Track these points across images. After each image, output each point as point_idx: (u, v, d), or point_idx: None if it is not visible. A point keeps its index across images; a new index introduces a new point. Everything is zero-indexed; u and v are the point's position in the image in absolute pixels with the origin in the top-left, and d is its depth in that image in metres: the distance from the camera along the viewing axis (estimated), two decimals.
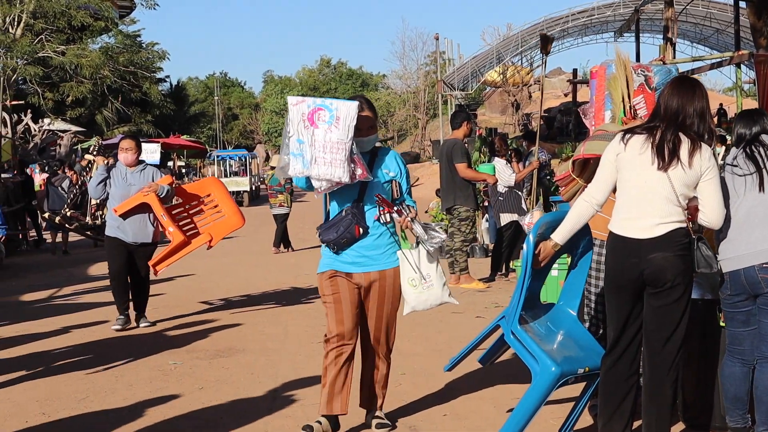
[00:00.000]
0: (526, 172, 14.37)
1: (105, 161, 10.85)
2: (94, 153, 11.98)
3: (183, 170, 52.36)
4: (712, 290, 5.89)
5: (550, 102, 55.36)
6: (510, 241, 13.96)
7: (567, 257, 6.26)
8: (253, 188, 47.05)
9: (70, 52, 44.71)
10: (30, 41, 42.43)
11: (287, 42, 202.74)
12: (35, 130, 39.29)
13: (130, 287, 10.90)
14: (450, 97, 49.96)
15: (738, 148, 5.72)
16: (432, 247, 6.17)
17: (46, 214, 20.74)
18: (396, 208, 6.14)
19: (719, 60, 30.41)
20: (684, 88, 5.38)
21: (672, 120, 5.30)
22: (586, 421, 6.32)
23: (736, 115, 6.47)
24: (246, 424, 6.71)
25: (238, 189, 43.01)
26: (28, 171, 25.46)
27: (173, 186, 10.95)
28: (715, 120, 27.15)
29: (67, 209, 21.39)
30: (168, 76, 75.92)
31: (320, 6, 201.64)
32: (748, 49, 32.82)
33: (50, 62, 45.23)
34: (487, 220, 18.10)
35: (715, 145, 6.21)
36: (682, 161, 5.20)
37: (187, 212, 11.36)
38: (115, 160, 10.89)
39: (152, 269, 10.77)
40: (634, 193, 5.33)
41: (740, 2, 29.66)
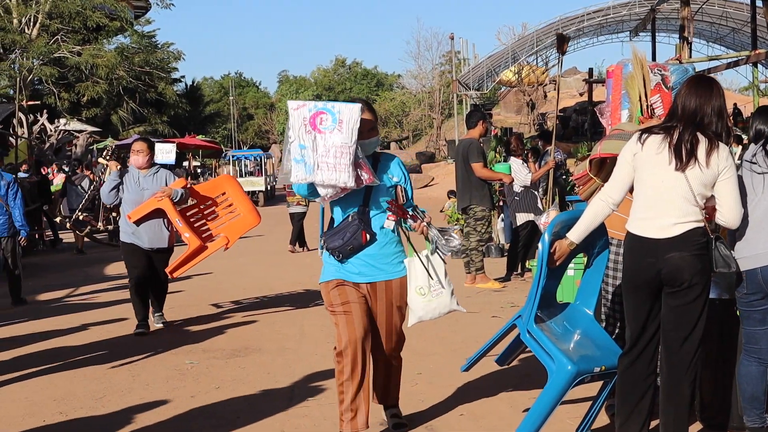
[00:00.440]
0: (542, 172, 14.33)
1: (118, 167, 10.72)
2: (107, 158, 11.90)
3: (198, 170, 52.37)
4: (728, 289, 5.87)
5: (566, 101, 55.35)
6: (526, 240, 13.92)
7: (583, 257, 6.25)
8: (268, 188, 47.09)
9: (85, 53, 44.84)
10: (46, 42, 42.55)
11: (302, 42, 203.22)
12: (51, 130, 39.40)
13: (149, 292, 10.72)
14: (465, 96, 49.90)
15: (756, 145, 5.69)
16: (449, 252, 6.07)
17: (58, 219, 20.76)
18: (411, 213, 6.01)
19: (735, 59, 30.35)
20: (701, 87, 5.35)
21: (690, 120, 5.28)
22: (603, 421, 6.30)
23: (752, 112, 6.43)
24: (262, 424, 6.72)
25: (254, 189, 43.09)
26: (46, 171, 25.57)
27: (187, 189, 10.73)
28: (731, 120, 27.02)
29: (79, 213, 21.46)
30: (183, 77, 76.42)
31: (335, 6, 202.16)
32: (764, 48, 32.75)
33: (66, 62, 45.38)
34: (502, 220, 18.09)
35: (731, 144, 6.19)
36: (699, 161, 5.18)
37: (201, 212, 11.18)
38: (125, 164, 10.72)
39: (169, 275, 10.63)
40: (651, 192, 5.32)
41: (756, 1, 29.58)
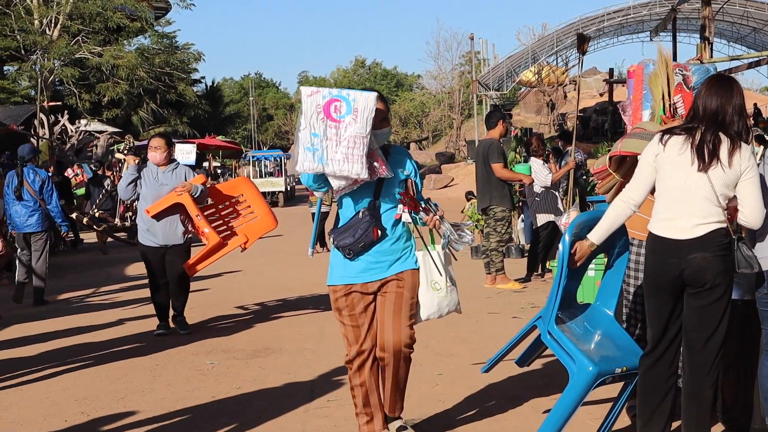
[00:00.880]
0: (563, 173, 14.29)
1: (136, 161, 10.54)
2: (125, 152, 11.84)
3: (218, 171, 52.52)
4: (750, 290, 5.84)
5: (586, 102, 55.28)
6: (546, 241, 13.89)
7: (603, 257, 6.24)
8: (288, 188, 47.11)
9: (106, 54, 45.08)
10: (67, 43, 42.82)
11: (322, 42, 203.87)
12: (72, 131, 39.52)
13: (169, 290, 10.54)
14: (485, 97, 49.83)
15: None
16: (461, 246, 5.94)
17: (74, 215, 20.84)
18: (423, 206, 5.84)
19: (757, 59, 30.22)
20: (722, 86, 5.33)
21: (711, 120, 5.26)
22: (625, 422, 6.28)
23: None
24: (283, 425, 6.73)
25: (273, 189, 43.15)
26: (75, 172, 25.76)
27: (207, 185, 10.58)
28: (751, 120, 26.92)
29: (96, 209, 21.55)
30: (203, 77, 76.68)
31: (355, 6, 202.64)
32: None
33: (87, 63, 45.63)
34: (522, 221, 18.07)
35: (752, 142, 6.16)
36: (721, 161, 5.16)
37: (218, 213, 11.05)
38: (145, 159, 10.57)
39: (187, 271, 10.42)
40: (673, 193, 5.29)
41: None
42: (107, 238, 22.34)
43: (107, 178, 23.53)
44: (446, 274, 5.92)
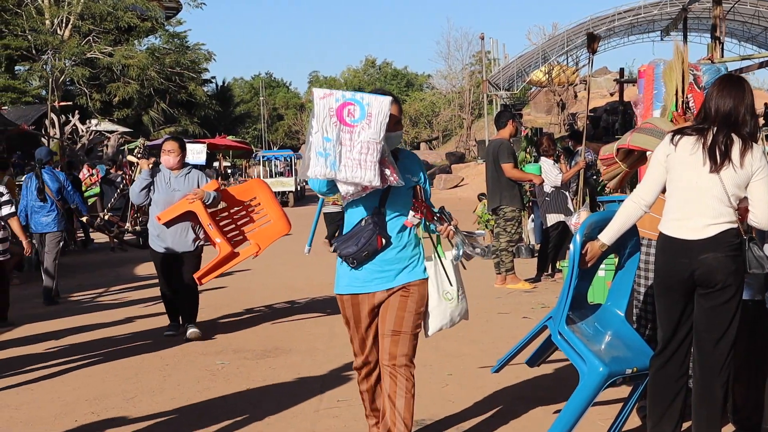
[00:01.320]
0: (573, 173, 14.25)
1: (149, 165, 10.39)
2: (138, 156, 11.74)
3: (229, 171, 52.55)
4: (761, 291, 5.83)
5: (596, 101, 55.09)
6: (556, 241, 13.87)
7: (614, 257, 6.22)
8: (298, 188, 47.07)
9: (117, 53, 45.21)
10: (78, 42, 42.94)
11: (332, 42, 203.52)
12: (83, 130, 39.64)
13: (179, 296, 10.42)
14: (495, 97, 49.77)
15: None
16: (474, 255, 5.70)
17: (84, 218, 20.85)
18: (438, 215, 5.61)
19: None
20: (734, 87, 5.31)
21: (723, 120, 5.24)
22: (635, 422, 6.27)
23: None
24: (293, 425, 6.74)
25: (284, 189, 43.09)
26: (90, 172, 25.87)
27: (219, 191, 10.36)
28: (762, 120, 26.90)
29: (106, 213, 21.56)
30: (214, 77, 76.68)
31: (365, 6, 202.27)
32: None
33: (97, 63, 45.74)
34: (532, 221, 18.05)
35: (763, 143, 6.14)
36: (733, 162, 5.14)
37: (231, 217, 10.86)
38: (158, 162, 10.38)
39: (197, 281, 10.21)
40: (684, 194, 5.28)
41: None
42: (118, 242, 22.42)
43: (119, 176, 23.58)
44: (457, 284, 5.74)
